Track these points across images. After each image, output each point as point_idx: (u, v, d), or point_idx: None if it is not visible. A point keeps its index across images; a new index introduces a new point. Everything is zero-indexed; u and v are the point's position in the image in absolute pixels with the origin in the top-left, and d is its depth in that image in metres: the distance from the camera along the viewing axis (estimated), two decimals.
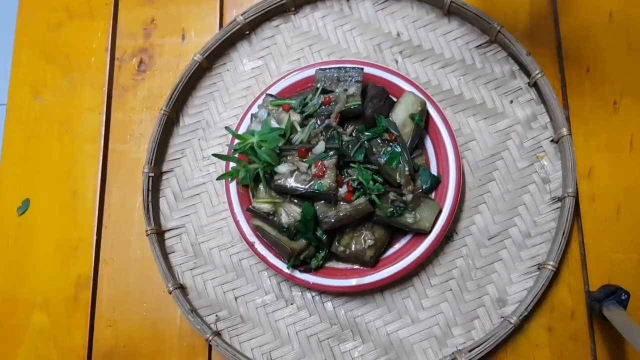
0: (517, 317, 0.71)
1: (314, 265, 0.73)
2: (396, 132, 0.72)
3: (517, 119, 0.79)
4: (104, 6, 0.88)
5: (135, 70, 0.86)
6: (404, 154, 0.71)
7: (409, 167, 0.71)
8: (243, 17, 0.82)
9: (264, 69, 0.84)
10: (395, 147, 0.72)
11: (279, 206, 0.71)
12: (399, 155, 0.71)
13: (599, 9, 0.82)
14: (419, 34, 0.83)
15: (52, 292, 0.79)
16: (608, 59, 0.80)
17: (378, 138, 0.72)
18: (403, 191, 0.71)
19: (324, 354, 0.75)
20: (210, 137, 0.83)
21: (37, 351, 0.78)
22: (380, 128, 0.72)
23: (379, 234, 0.72)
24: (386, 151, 0.71)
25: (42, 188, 0.83)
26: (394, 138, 0.72)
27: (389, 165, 0.71)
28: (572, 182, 0.75)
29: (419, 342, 0.74)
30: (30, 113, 0.85)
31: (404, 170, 0.71)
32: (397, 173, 0.71)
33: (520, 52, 0.78)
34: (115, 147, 0.84)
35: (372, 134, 0.72)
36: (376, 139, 0.72)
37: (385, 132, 0.72)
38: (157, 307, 0.78)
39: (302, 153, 0.69)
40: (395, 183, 0.71)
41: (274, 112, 0.73)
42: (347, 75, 0.75)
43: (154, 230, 0.78)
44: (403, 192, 0.71)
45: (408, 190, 0.71)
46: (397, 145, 0.72)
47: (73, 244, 0.81)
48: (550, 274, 0.72)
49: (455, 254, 0.76)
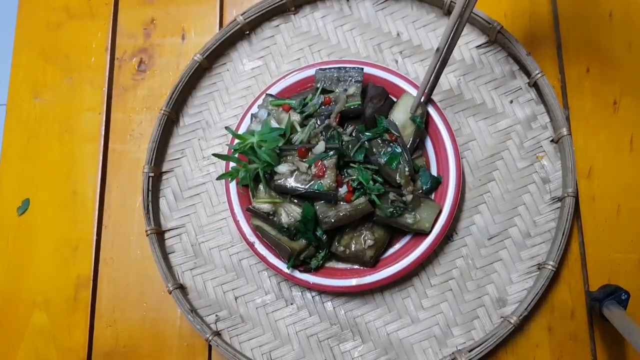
0: (517, 317, 0.71)
1: (314, 265, 0.73)
2: (397, 133, 0.72)
3: (517, 119, 0.79)
4: (104, 6, 0.88)
5: (135, 70, 0.86)
6: (404, 155, 0.71)
7: (409, 167, 0.71)
8: (243, 17, 0.82)
9: (264, 69, 0.84)
10: (395, 148, 0.72)
11: (279, 206, 0.71)
12: (399, 155, 0.71)
13: (599, 9, 0.82)
14: (418, 34, 0.83)
15: (52, 292, 0.79)
16: (608, 59, 0.80)
17: (378, 138, 0.72)
18: (403, 191, 0.71)
19: (324, 354, 0.75)
20: (210, 137, 0.83)
21: (37, 351, 0.78)
22: (381, 128, 0.72)
23: (379, 234, 0.72)
24: (386, 152, 0.71)
25: (42, 188, 0.83)
26: (394, 139, 0.72)
27: (389, 166, 0.71)
28: (572, 182, 0.75)
29: (419, 342, 0.74)
30: (30, 113, 0.85)
31: (404, 170, 0.71)
32: (397, 173, 0.71)
33: (520, 52, 0.78)
34: (115, 147, 0.84)
35: (372, 134, 0.72)
36: (376, 139, 0.72)
37: (385, 132, 0.72)
38: (157, 307, 0.78)
39: (302, 153, 0.69)
40: (395, 183, 0.71)
41: (274, 112, 0.73)
42: (347, 75, 0.75)
43: (154, 230, 0.78)
44: (403, 192, 0.71)
45: (408, 190, 0.71)
46: (397, 145, 0.72)
47: (73, 244, 0.81)
48: (550, 274, 0.72)
49: (455, 254, 0.76)
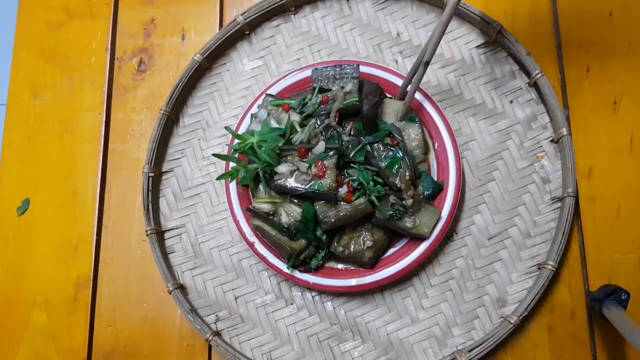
0: (517, 317, 0.71)
1: (313, 265, 0.73)
2: (399, 137, 0.72)
3: (517, 119, 0.79)
4: (104, 6, 0.88)
5: (135, 70, 0.86)
6: (405, 159, 0.71)
7: (410, 172, 0.71)
8: (243, 17, 0.82)
9: (263, 69, 0.84)
10: (397, 153, 0.71)
11: (279, 206, 0.71)
12: (400, 160, 0.71)
13: (599, 9, 0.82)
14: (418, 34, 0.83)
15: (52, 292, 0.79)
16: (608, 59, 0.80)
17: (380, 142, 0.72)
18: (403, 195, 0.71)
19: (324, 354, 0.75)
20: (210, 137, 0.83)
21: (37, 351, 0.78)
22: (383, 132, 0.72)
23: (378, 236, 0.72)
24: (387, 155, 0.71)
25: (42, 188, 0.83)
26: (396, 143, 0.72)
27: (389, 170, 0.71)
28: (572, 182, 0.75)
29: (419, 342, 0.74)
30: (30, 113, 0.85)
31: (405, 175, 0.71)
32: (397, 177, 0.71)
33: (520, 52, 0.78)
34: (115, 147, 0.84)
35: (374, 138, 0.72)
36: (378, 143, 0.72)
37: (387, 136, 0.72)
38: (157, 307, 0.78)
39: (302, 153, 0.69)
40: (395, 187, 0.71)
41: (274, 112, 0.73)
42: (343, 73, 0.75)
43: (153, 230, 0.78)
44: (403, 196, 0.71)
45: (408, 195, 0.71)
46: (399, 150, 0.71)
47: (73, 244, 0.81)
48: (550, 274, 0.72)
49: (455, 254, 0.76)
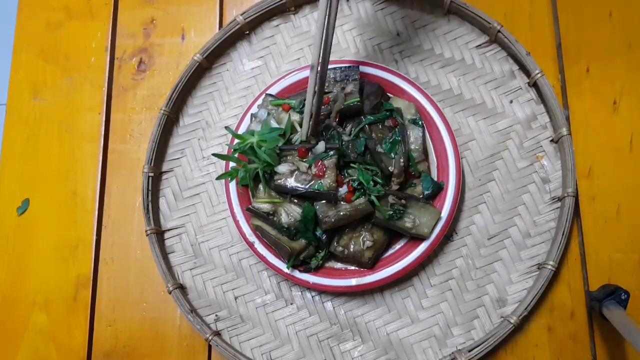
0: (517, 317, 0.71)
1: (313, 265, 0.73)
2: (401, 119, 0.72)
3: (516, 118, 0.79)
4: (104, 6, 0.88)
5: (135, 70, 0.86)
6: (401, 145, 0.71)
7: (404, 158, 0.71)
8: (243, 17, 0.82)
9: (263, 69, 0.84)
10: (396, 136, 0.71)
11: (278, 206, 0.71)
12: (397, 143, 0.71)
13: (599, 9, 0.82)
14: (418, 33, 0.83)
15: (52, 292, 0.79)
16: (608, 59, 0.80)
17: (379, 123, 0.72)
18: (392, 180, 0.71)
19: (323, 354, 0.75)
20: (210, 137, 0.83)
21: (37, 351, 0.78)
22: (384, 114, 0.72)
23: (378, 236, 0.72)
24: (386, 137, 0.71)
25: (42, 188, 0.83)
26: (396, 125, 0.72)
27: (385, 155, 0.71)
28: (572, 182, 0.75)
29: (418, 342, 0.74)
30: (30, 113, 0.85)
31: (399, 161, 0.71)
32: (391, 161, 0.71)
33: (520, 52, 0.78)
34: (115, 147, 0.84)
35: (375, 118, 0.72)
36: (377, 124, 0.72)
37: (388, 118, 0.72)
38: (157, 307, 0.78)
39: (302, 153, 0.69)
40: (387, 171, 0.71)
41: (274, 112, 0.73)
42: (343, 75, 0.75)
43: (153, 230, 0.78)
44: (392, 181, 0.71)
45: (396, 182, 0.71)
46: (398, 134, 0.72)
47: (73, 244, 0.81)
48: (550, 273, 0.72)
49: (455, 254, 0.76)
